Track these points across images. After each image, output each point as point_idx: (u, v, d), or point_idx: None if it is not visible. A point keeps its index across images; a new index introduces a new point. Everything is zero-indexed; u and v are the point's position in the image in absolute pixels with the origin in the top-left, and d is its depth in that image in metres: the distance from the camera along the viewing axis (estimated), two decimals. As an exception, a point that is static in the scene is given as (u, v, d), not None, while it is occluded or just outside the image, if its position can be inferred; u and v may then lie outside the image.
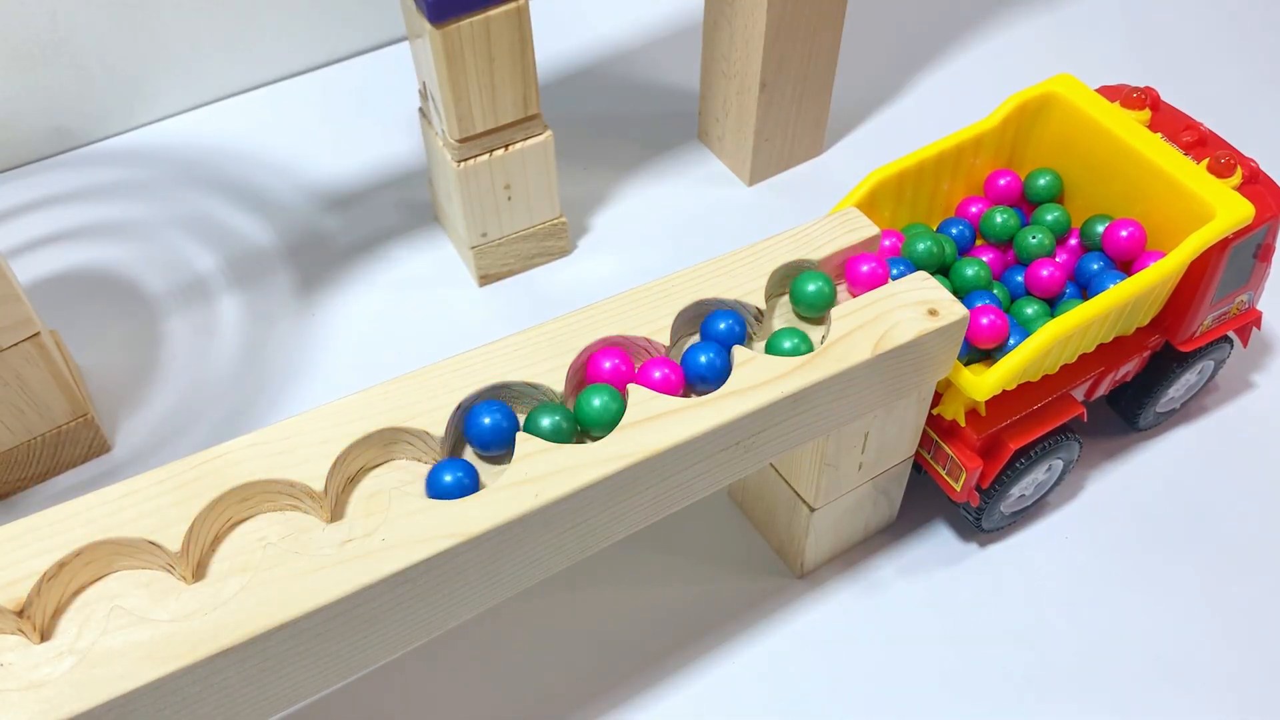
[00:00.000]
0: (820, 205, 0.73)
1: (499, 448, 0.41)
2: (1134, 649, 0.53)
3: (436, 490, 0.39)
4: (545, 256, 0.71)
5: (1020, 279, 0.56)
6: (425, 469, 0.41)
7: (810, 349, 0.44)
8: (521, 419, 0.42)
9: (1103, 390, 0.57)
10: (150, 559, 0.38)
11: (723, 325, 0.44)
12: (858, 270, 0.47)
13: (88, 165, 0.78)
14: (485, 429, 0.41)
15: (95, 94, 0.78)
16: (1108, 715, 0.51)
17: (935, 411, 0.52)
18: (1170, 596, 0.55)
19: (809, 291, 0.46)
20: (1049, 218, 0.58)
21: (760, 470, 0.54)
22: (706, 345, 0.43)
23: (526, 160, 0.65)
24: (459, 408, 0.41)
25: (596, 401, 0.41)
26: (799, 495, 0.52)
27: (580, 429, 0.42)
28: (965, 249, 0.57)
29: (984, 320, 0.51)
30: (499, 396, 0.42)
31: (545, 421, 0.41)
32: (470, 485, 0.40)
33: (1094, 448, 0.61)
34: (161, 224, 0.74)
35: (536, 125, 0.64)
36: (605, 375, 0.43)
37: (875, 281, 0.46)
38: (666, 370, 0.43)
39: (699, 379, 0.43)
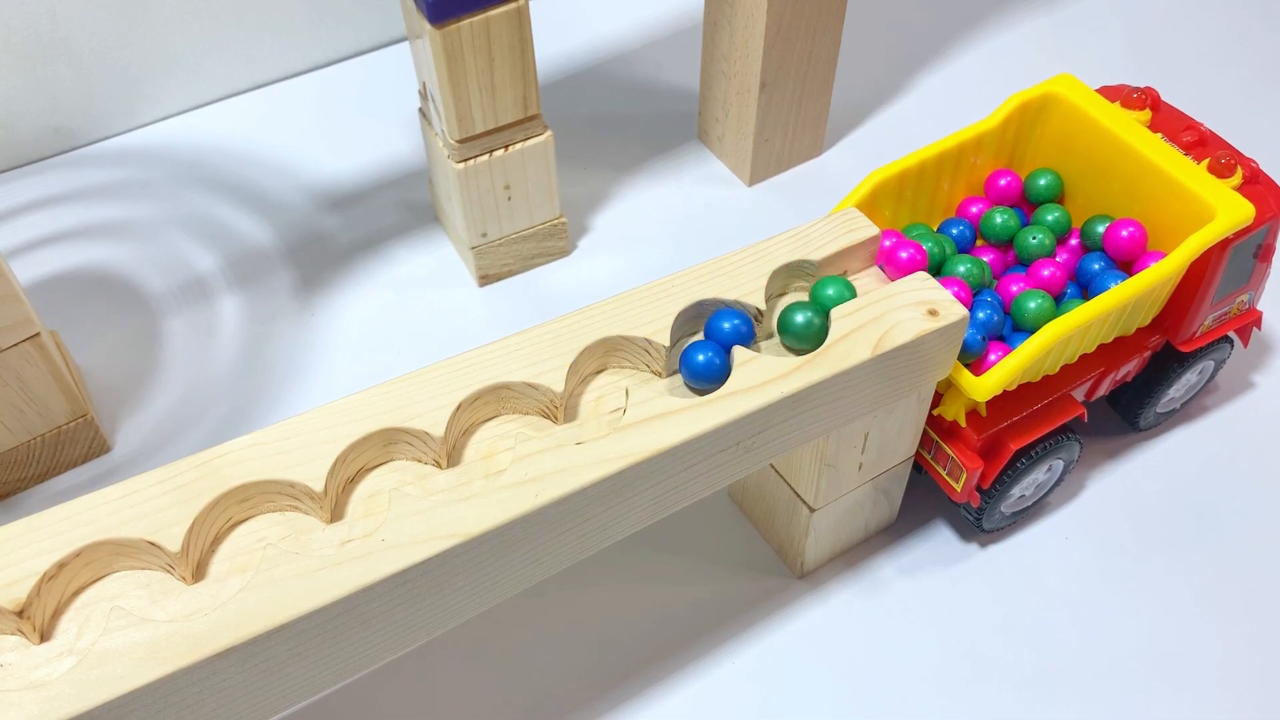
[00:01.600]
0: (820, 205, 0.73)
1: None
2: (1134, 649, 0.53)
3: (691, 369, 0.43)
4: (545, 256, 0.71)
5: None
6: (425, 469, 0.41)
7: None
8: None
9: (1103, 390, 0.57)
10: (150, 559, 0.38)
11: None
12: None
13: (88, 165, 0.78)
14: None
15: (95, 94, 0.78)
16: (1107, 715, 0.51)
17: (936, 412, 0.52)
18: (1170, 596, 0.55)
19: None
20: (1049, 218, 0.58)
21: (760, 470, 0.54)
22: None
23: (526, 160, 0.65)
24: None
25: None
26: (799, 495, 0.52)
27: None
28: (965, 249, 0.57)
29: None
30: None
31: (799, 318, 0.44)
32: (721, 366, 0.43)
33: (1094, 448, 0.61)
34: (161, 224, 0.74)
35: (536, 125, 0.64)
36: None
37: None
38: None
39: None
